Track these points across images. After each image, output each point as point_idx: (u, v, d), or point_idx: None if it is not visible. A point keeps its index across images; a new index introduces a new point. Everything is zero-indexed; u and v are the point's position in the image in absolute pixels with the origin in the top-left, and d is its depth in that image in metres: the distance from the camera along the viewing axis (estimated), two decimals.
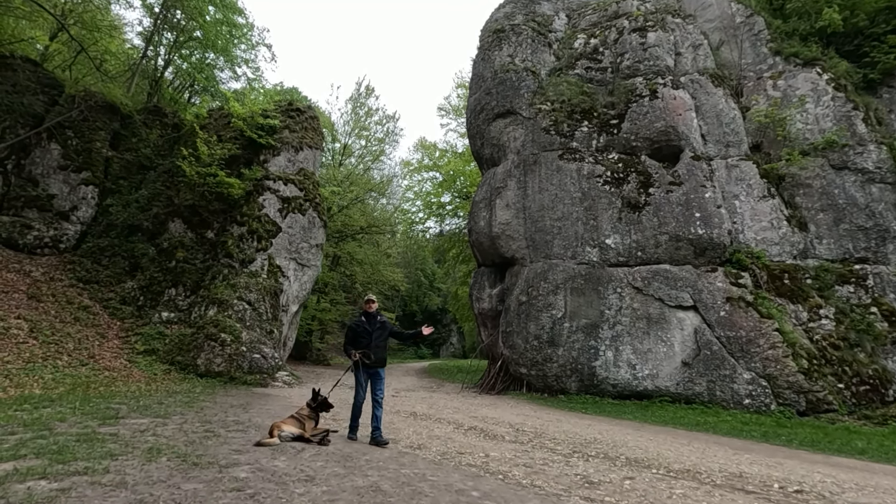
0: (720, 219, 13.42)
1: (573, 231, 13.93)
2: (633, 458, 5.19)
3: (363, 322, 6.12)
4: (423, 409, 8.93)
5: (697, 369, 12.01)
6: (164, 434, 5.07)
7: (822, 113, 14.66)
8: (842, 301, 12.64)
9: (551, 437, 6.23)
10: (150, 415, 6.27)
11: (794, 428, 8.92)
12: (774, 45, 16.23)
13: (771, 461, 5.41)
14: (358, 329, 6.07)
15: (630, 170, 14.38)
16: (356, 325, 6.11)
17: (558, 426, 7.27)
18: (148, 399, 7.90)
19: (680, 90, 15.06)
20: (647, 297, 12.91)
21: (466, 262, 28.21)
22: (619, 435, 6.79)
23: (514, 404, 11.02)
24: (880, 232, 13.28)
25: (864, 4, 15.67)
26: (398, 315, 48.84)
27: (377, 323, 6.12)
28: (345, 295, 34.16)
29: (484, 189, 16.18)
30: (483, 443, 5.71)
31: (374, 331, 6.04)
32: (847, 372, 11.53)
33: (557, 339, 13.02)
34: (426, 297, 53.63)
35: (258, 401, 8.93)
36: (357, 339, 6.04)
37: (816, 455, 6.09)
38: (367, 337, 5.99)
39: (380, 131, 33.19)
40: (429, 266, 52.30)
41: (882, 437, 8.81)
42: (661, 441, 6.46)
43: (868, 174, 13.77)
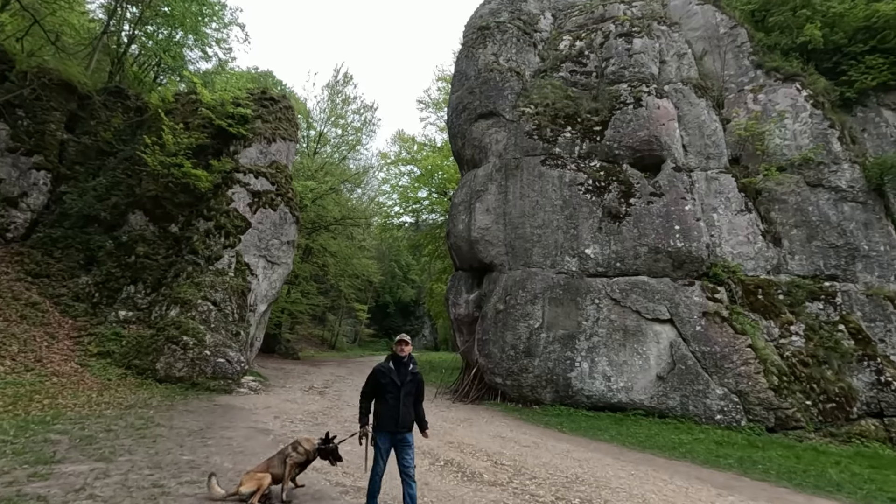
0: (699, 232, 13.42)
1: (553, 239, 13.72)
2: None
3: (391, 370, 4.74)
4: None
5: (672, 383, 12.03)
6: (102, 495, 4.52)
7: (800, 129, 14.80)
8: (811, 317, 12.85)
9: (531, 475, 5.98)
10: (92, 456, 5.66)
11: (766, 450, 8.97)
12: (756, 59, 16.28)
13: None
14: (383, 379, 4.69)
15: (612, 179, 14.22)
16: (382, 371, 4.73)
17: (537, 456, 7.04)
18: (96, 423, 7.27)
19: (664, 99, 14.95)
20: (625, 309, 12.85)
21: (443, 258, 27.87)
22: (600, 468, 6.61)
23: (490, 418, 10.79)
24: (850, 250, 13.54)
25: (843, 22, 15.84)
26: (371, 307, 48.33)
27: (409, 374, 4.76)
28: (317, 286, 33.43)
29: (464, 191, 15.79)
30: (461, 488, 5.39)
31: (403, 384, 4.68)
32: (815, 389, 11.74)
33: (534, 350, 12.84)
34: (400, 288, 53.18)
35: (220, 420, 8.39)
36: (381, 391, 4.69)
37: (798, 496, 6.04)
38: (395, 391, 4.64)
39: (357, 121, 32.36)
40: (403, 258, 51.75)
41: (849, 459, 8.95)
42: (643, 477, 6.30)
43: (841, 192, 14.00)
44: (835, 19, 15.89)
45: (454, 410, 11.88)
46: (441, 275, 29.06)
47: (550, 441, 8.53)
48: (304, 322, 37.16)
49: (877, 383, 11.85)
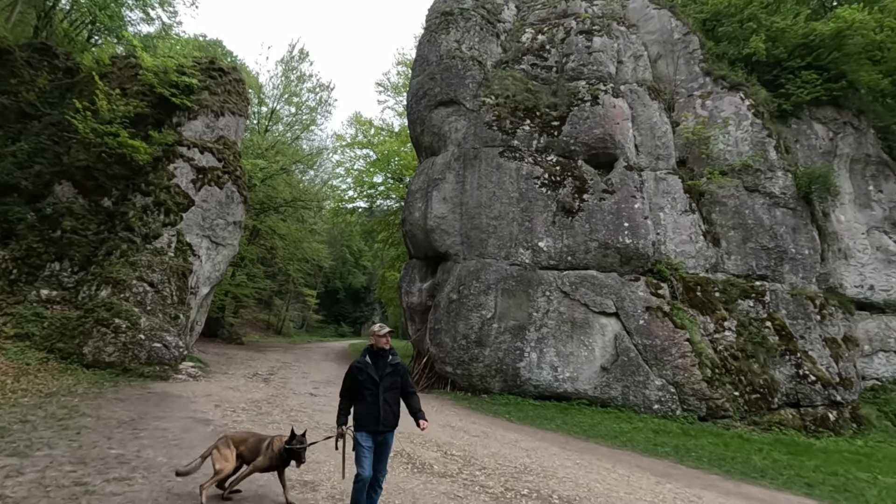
0: (646, 230, 13.95)
1: (508, 231, 13.84)
2: (565, 497, 5.12)
3: (368, 365, 4.35)
4: None
5: (615, 374, 12.52)
6: (13, 496, 4.08)
7: (742, 136, 15.64)
8: (743, 314, 13.73)
9: (481, 466, 6.01)
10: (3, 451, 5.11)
11: (698, 438, 9.51)
12: (706, 66, 17.00)
13: (690, 493, 5.61)
14: (360, 373, 4.31)
15: (567, 174, 14.48)
16: (358, 367, 4.35)
17: (486, 446, 7.10)
18: (10, 413, 6.62)
19: (619, 99, 15.33)
20: (574, 302, 13.19)
21: (396, 245, 27.59)
22: (548, 458, 6.76)
23: (440, 407, 10.81)
24: (780, 253, 14.53)
25: (785, 38, 16.82)
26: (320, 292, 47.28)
27: (388, 366, 4.36)
28: (264, 269, 32.25)
29: (421, 179, 15.60)
30: (411, 481, 5.32)
31: (382, 379, 4.30)
32: (742, 381, 12.58)
33: (485, 340, 12.96)
34: (350, 274, 52.33)
35: (154, 409, 7.89)
36: (358, 389, 4.29)
37: (728, 482, 6.44)
38: (373, 388, 4.25)
39: (312, 100, 31.21)
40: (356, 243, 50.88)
41: (770, 446, 9.66)
42: (588, 466, 6.51)
43: (774, 198, 14.95)
44: (777, 34, 16.84)
45: None
46: (394, 262, 28.78)
47: (499, 430, 8.64)
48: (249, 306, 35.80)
49: (796, 376, 12.86)
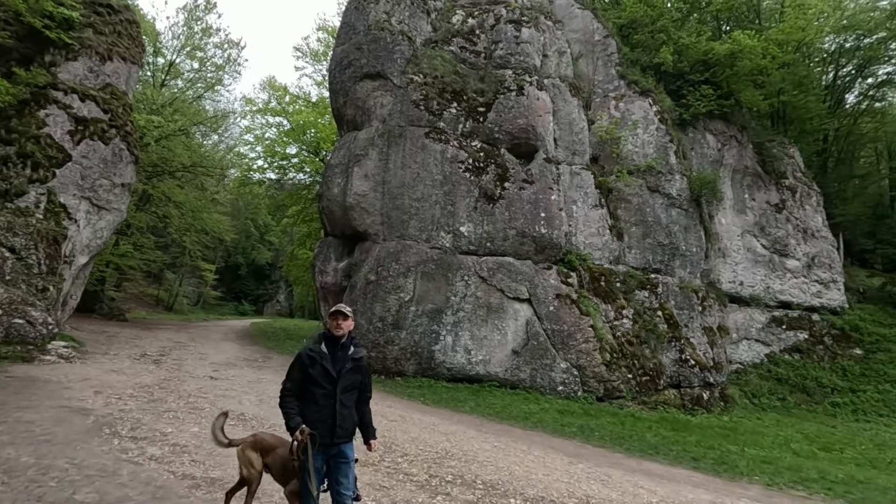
0: (561, 221, 14.57)
1: (431, 214, 13.70)
2: (489, 481, 5.17)
3: (323, 355, 3.42)
4: (252, 408, 7.77)
5: (524, 357, 13.03)
6: None
7: (648, 140, 16.87)
8: (639, 304, 14.96)
9: (402, 452, 5.88)
10: None
11: (598, 418, 10.22)
12: (621, 70, 18.03)
13: (601, 472, 5.98)
14: (313, 365, 3.39)
15: (490, 161, 14.62)
16: (311, 356, 3.42)
17: (406, 431, 6.99)
18: None
19: (543, 92, 15.73)
20: (490, 287, 13.46)
21: (308, 222, 26.30)
22: (466, 442, 6.82)
23: None
24: (672, 249, 16.00)
25: (688, 53, 18.34)
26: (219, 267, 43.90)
27: (349, 361, 3.46)
28: (155, 239, 29.13)
29: (342, 153, 14.88)
30: None
31: (342, 375, 3.41)
32: (636, 364, 13.74)
33: (402, 323, 12.80)
34: (255, 249, 49.25)
35: (15, 398, 6.69)
36: (310, 384, 3.39)
37: (630, 460, 6.98)
38: (329, 386, 3.37)
39: (219, 56, 28.40)
40: (262, 217, 47.87)
41: (658, 424, 10.67)
42: (505, 449, 6.67)
43: (671, 199, 16.38)
44: (682, 49, 18.31)
45: None
46: (305, 239, 27.48)
47: (416, 414, 8.58)
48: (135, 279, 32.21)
49: (679, 360, 14.33)
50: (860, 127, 28.13)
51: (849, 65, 27.24)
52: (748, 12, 23.37)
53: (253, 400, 8.29)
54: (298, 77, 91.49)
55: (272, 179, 29.43)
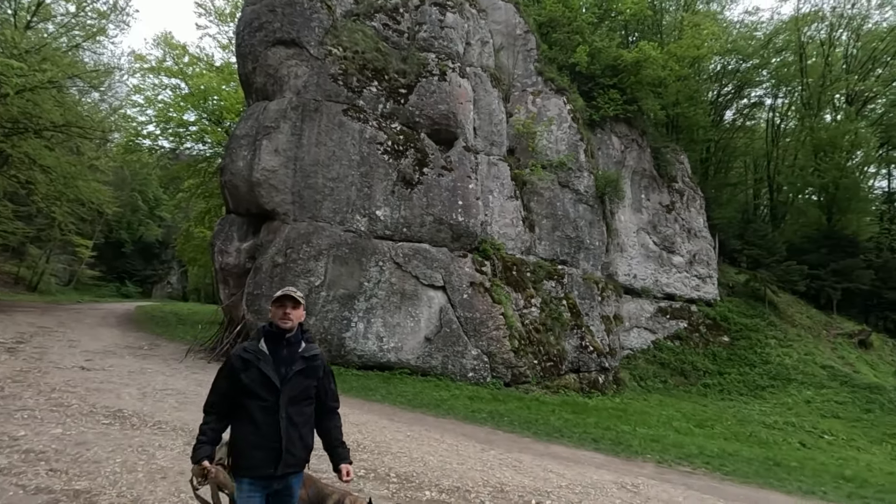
0: (477, 210, 14.71)
1: (346, 195, 13.11)
2: (403, 473, 4.99)
3: (262, 355, 2.66)
4: (133, 403, 6.84)
5: (437, 345, 13.04)
6: None
7: (561, 137, 17.59)
8: (546, 293, 15.63)
9: None
10: None
11: (506, 403, 10.51)
12: (539, 66, 18.55)
13: (512, 458, 6.07)
14: (247, 369, 2.62)
15: (410, 145, 14.32)
16: (244, 358, 2.65)
17: None
18: None
19: (465, 80, 15.70)
20: (405, 274, 13.25)
21: (208, 197, 24.13)
22: (379, 432, 6.58)
23: None
24: (579, 242, 16.90)
25: (601, 57, 19.35)
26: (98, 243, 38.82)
27: (298, 360, 2.70)
28: (14, 208, 24.94)
29: (249, 123, 13.68)
30: None
31: (287, 380, 2.65)
32: (541, 351, 14.36)
33: (311, 308, 12.15)
34: (142, 225, 44.39)
35: None
36: (244, 396, 2.62)
37: (539, 444, 7.21)
38: (270, 397, 2.61)
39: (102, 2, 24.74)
40: (152, 190, 43.25)
41: (560, 407, 11.23)
42: (419, 438, 6.54)
43: (579, 195, 17.26)
44: (595, 52, 19.26)
45: (211, 372, 10.30)
46: (203, 216, 25.20)
47: None
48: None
49: (580, 347, 15.22)
50: (735, 141, 31.88)
51: (729, 84, 30.70)
52: (652, 26, 25.24)
53: (134, 393, 7.33)
54: (200, 37, 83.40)
55: (166, 148, 26.46)
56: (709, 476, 6.56)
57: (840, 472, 7.76)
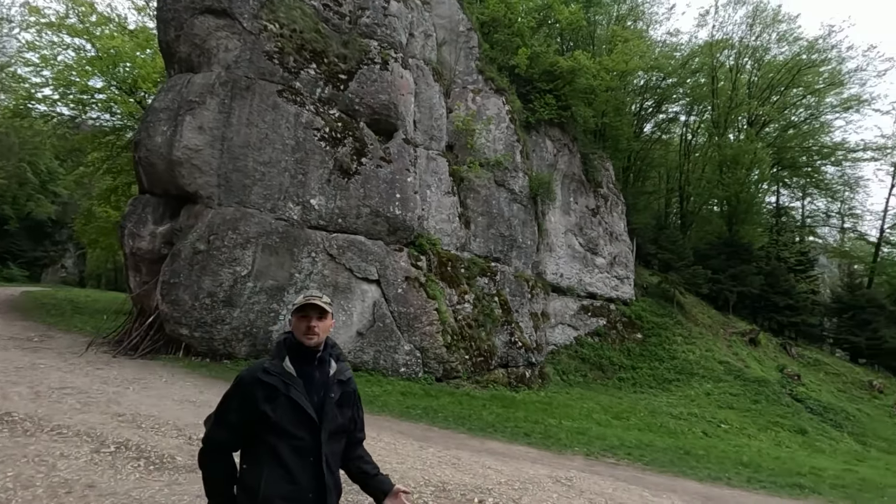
0: (415, 204, 14.57)
1: (279, 181, 12.42)
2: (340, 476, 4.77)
3: (291, 379, 2.05)
4: (24, 404, 5.98)
5: (369, 339, 12.79)
6: None
7: (499, 136, 17.89)
8: (479, 289, 15.86)
9: None
10: None
11: (439, 398, 10.55)
12: (480, 65, 18.72)
13: (450, 455, 6.05)
14: (273, 399, 2.00)
15: (348, 133, 13.85)
16: (266, 382, 2.02)
17: None
18: None
19: (407, 71, 15.45)
20: (339, 266, 12.85)
21: (116, 174, 21.86)
22: None
23: (171, 378, 8.97)
24: (512, 240, 17.32)
25: (539, 61, 19.91)
26: None
27: (333, 385, 2.17)
28: None
29: (170, 96, 12.52)
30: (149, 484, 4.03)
31: (325, 407, 2.09)
32: (472, 346, 14.57)
33: (236, 300, 11.41)
34: (32, 200, 39.28)
35: None
36: (271, 434, 1.99)
37: (475, 440, 7.27)
38: (307, 431, 2.03)
39: None
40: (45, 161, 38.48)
41: (490, 402, 11.47)
42: None
43: (514, 195, 17.68)
44: (534, 56, 19.79)
45: (118, 368, 9.36)
46: (109, 195, 22.78)
47: None
48: None
49: (509, 342, 15.63)
50: (653, 152, 34.25)
51: (651, 99, 32.91)
52: (586, 37, 26.38)
53: (25, 393, 6.41)
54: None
55: (65, 116, 23.50)
56: (632, 467, 7.00)
57: (738, 459, 8.61)
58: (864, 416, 18.63)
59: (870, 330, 26.80)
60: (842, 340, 28.76)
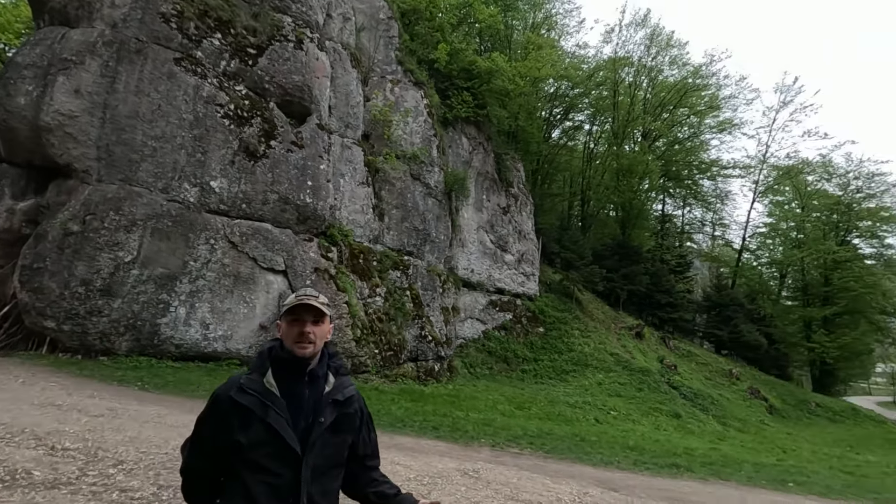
0: (328, 192, 14.01)
1: (173, 159, 11.24)
2: None
3: (271, 396, 1.67)
4: None
5: (273, 333, 12.04)
6: None
7: (416, 130, 17.79)
8: (391, 283, 15.68)
9: (116, 460, 4.45)
10: None
11: None
12: (400, 56, 18.46)
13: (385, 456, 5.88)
14: (246, 423, 1.63)
15: (256, 113, 12.93)
16: (241, 405, 1.64)
17: (119, 429, 5.38)
18: None
19: (324, 54, 14.78)
20: (242, 255, 11.97)
21: None
22: None
23: (31, 378, 7.72)
24: (425, 235, 17.34)
25: (458, 58, 20.10)
26: None
27: (324, 402, 1.74)
28: None
29: (38, 51, 10.79)
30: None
31: (312, 436, 1.68)
32: (382, 340, 14.37)
33: (117, 289, 10.15)
34: None
35: None
36: (242, 465, 1.63)
37: (384, 436, 7.09)
38: (283, 464, 1.63)
39: None
40: None
41: (399, 396, 11.42)
42: None
43: (430, 189, 17.71)
44: (454, 52, 19.93)
45: None
46: None
47: (132, 404, 6.84)
48: None
49: (419, 336, 15.65)
50: (559, 157, 36.23)
51: (559, 107, 34.74)
52: (503, 40, 27.13)
53: None
54: None
55: None
56: (535, 456, 7.32)
57: (626, 443, 9.39)
58: (724, 401, 21.34)
59: (731, 325, 30.79)
60: (709, 334, 32.71)
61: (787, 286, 41.44)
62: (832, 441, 19.81)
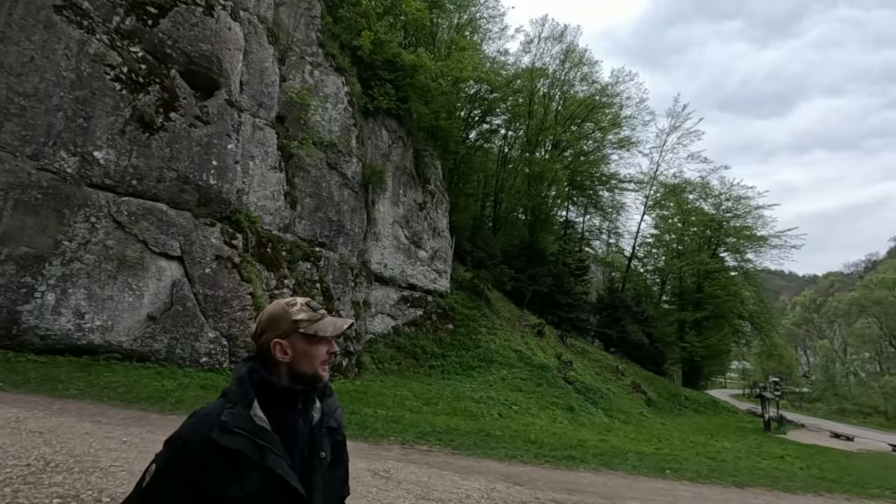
0: (234, 175, 13.01)
1: (47, 121, 9.73)
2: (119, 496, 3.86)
3: (264, 434, 1.30)
4: None
5: (164, 325, 10.97)
6: None
7: (335, 117, 17.16)
8: (301, 275, 15.00)
9: None
10: None
11: None
12: (322, 38, 17.68)
13: None
14: (239, 471, 1.23)
15: (154, 80, 11.63)
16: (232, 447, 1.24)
17: None
18: None
19: (237, 24, 13.69)
20: (129, 237, 10.72)
21: None
22: (79, 442, 4.93)
23: None
24: (339, 226, 16.81)
25: (382, 49, 19.72)
26: None
27: (319, 432, 1.43)
28: None
29: None
30: None
31: (315, 470, 1.35)
32: None
33: None
34: None
35: None
36: None
37: None
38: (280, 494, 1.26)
39: None
40: None
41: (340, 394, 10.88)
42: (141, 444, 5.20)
43: (346, 180, 17.19)
44: (378, 42, 19.51)
45: None
46: None
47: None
48: None
49: None
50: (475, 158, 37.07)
51: (478, 109, 35.53)
52: (428, 37, 27.11)
53: None
54: None
55: None
56: (443, 452, 7.39)
57: (527, 437, 9.85)
58: (611, 395, 23.30)
59: (620, 325, 33.74)
60: (601, 333, 35.54)
61: (666, 291, 46.31)
62: (697, 429, 22.49)
